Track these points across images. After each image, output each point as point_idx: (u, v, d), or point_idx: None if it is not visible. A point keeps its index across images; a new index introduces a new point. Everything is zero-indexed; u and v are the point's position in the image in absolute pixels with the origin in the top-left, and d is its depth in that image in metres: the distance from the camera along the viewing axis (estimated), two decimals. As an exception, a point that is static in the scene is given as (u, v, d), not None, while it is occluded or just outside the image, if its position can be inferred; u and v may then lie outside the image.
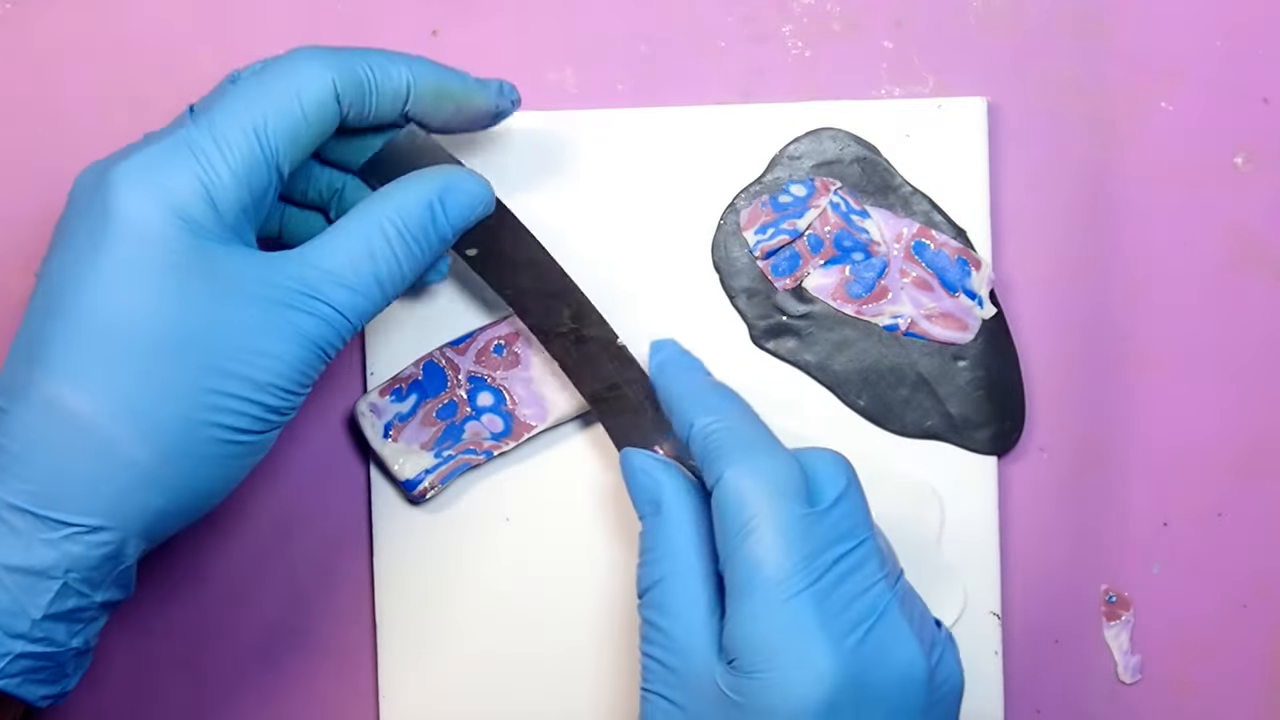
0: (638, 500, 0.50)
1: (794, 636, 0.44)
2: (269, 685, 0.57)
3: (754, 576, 0.45)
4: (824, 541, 0.46)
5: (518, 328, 0.55)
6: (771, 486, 0.46)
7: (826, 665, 0.44)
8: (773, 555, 0.45)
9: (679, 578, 0.47)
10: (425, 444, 0.54)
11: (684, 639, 0.46)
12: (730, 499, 0.46)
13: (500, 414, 0.55)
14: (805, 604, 0.44)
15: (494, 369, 0.54)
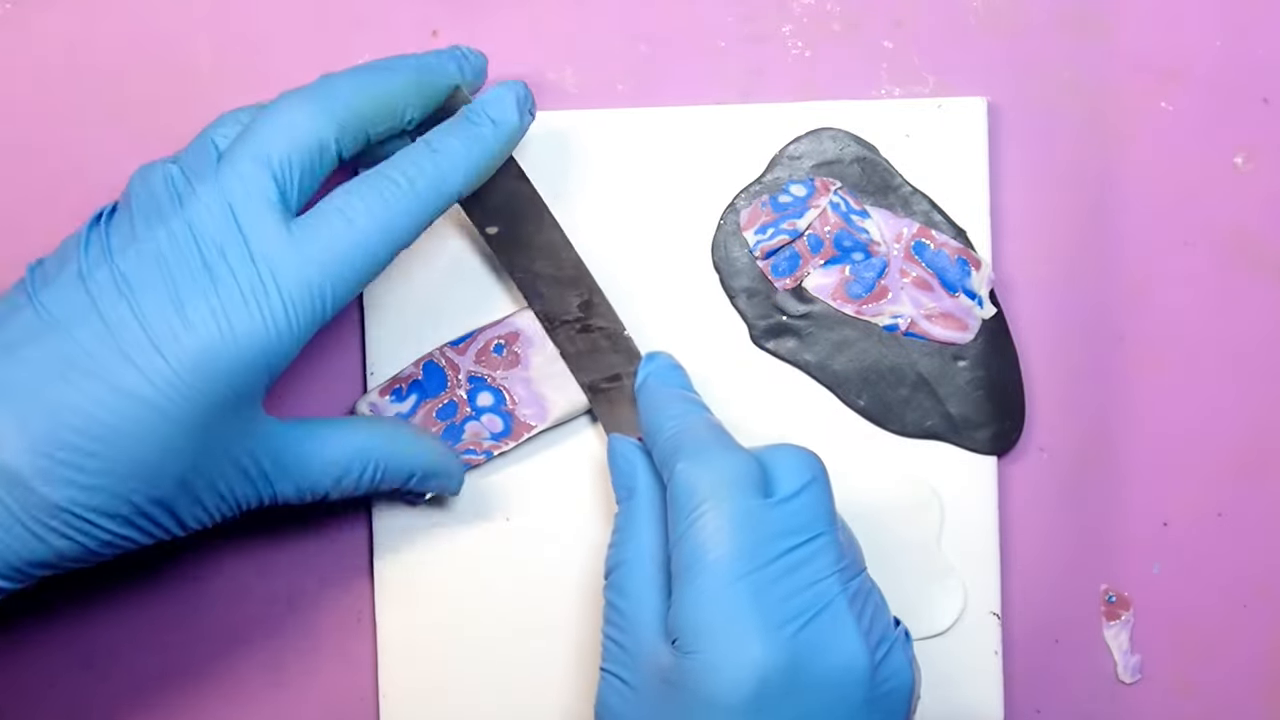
0: (616, 484, 0.52)
1: (730, 620, 0.45)
2: (269, 685, 0.57)
3: (698, 561, 0.46)
4: (774, 533, 0.46)
5: (518, 328, 0.55)
6: (722, 478, 0.47)
7: (758, 650, 0.45)
8: (717, 541, 0.46)
9: (637, 561, 0.49)
10: None
11: (636, 620, 0.48)
12: (681, 488, 0.47)
13: (500, 414, 0.55)
14: (745, 590, 0.45)
15: (494, 369, 0.54)
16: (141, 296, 0.45)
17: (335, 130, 0.47)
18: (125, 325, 0.44)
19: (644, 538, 0.49)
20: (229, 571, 0.56)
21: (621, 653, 0.48)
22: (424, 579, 0.56)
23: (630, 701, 0.47)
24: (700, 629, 0.45)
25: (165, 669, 0.56)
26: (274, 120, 0.47)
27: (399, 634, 0.56)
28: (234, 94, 0.56)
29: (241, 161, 0.46)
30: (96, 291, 0.45)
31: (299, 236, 0.46)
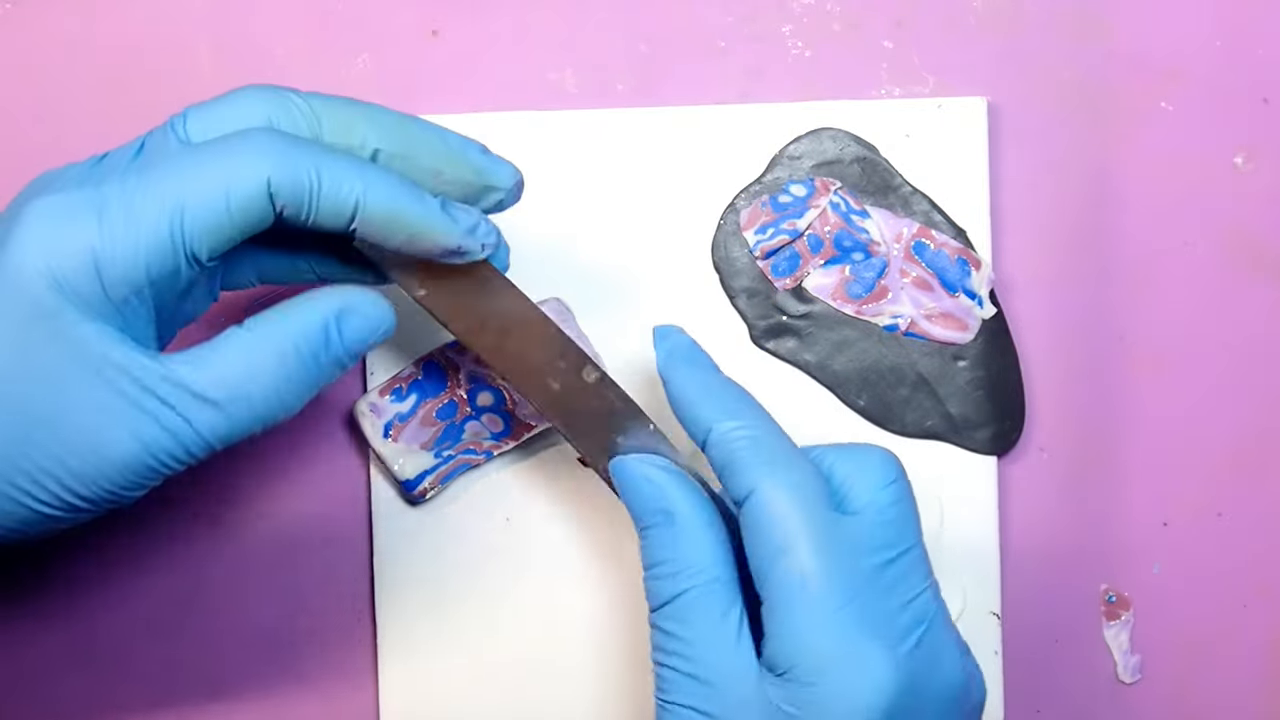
0: (642, 511, 0.47)
1: (849, 646, 0.43)
2: (269, 685, 0.57)
3: (801, 589, 0.44)
4: (869, 549, 0.45)
5: None
6: (809, 497, 0.45)
7: (884, 673, 0.43)
8: (817, 566, 0.44)
9: (705, 590, 0.45)
10: (425, 444, 0.54)
11: (715, 651, 0.45)
12: (764, 515, 0.45)
13: (500, 414, 0.55)
14: (854, 614, 0.44)
15: None
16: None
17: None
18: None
19: (707, 566, 0.46)
20: (228, 571, 0.56)
21: (696, 685, 0.45)
22: (424, 579, 0.56)
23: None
24: (817, 659, 0.43)
25: (165, 669, 0.56)
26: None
27: (399, 634, 0.56)
28: (234, 94, 0.57)
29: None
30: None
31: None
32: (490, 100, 0.57)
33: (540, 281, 0.56)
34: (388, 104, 0.56)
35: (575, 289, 0.56)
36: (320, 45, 0.57)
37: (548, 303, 0.55)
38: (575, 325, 0.55)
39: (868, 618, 0.44)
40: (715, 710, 0.45)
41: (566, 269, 0.56)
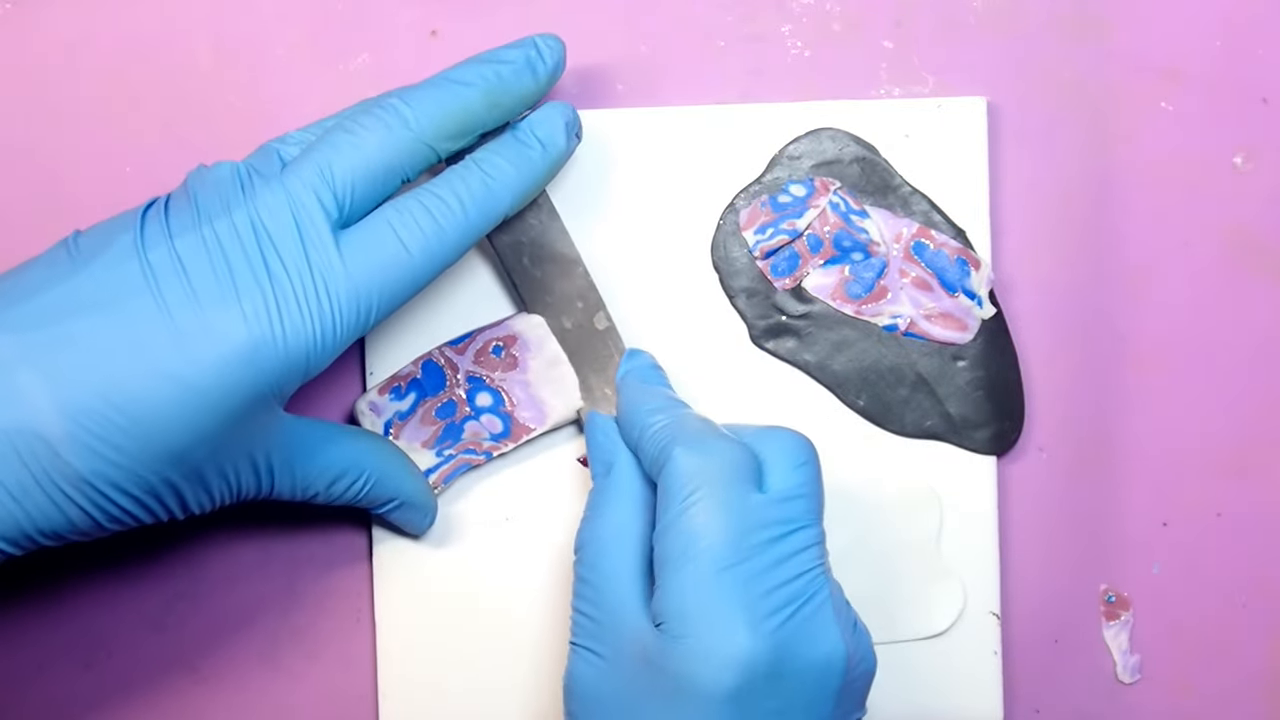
0: (593, 460, 0.52)
1: (719, 610, 0.46)
2: (269, 685, 0.57)
3: (689, 548, 0.46)
4: (764, 523, 0.47)
5: (515, 331, 0.55)
6: (719, 468, 0.47)
7: (744, 642, 0.45)
8: (710, 530, 0.46)
9: (614, 538, 0.49)
10: (426, 442, 0.54)
11: (611, 597, 0.48)
12: (676, 474, 0.47)
13: (499, 415, 0.54)
14: (734, 580, 0.46)
15: (492, 370, 0.54)
16: (198, 281, 0.45)
17: (405, 156, 0.48)
18: (179, 307, 0.45)
19: (621, 515, 0.49)
20: (228, 571, 0.57)
21: (595, 627, 0.48)
22: (424, 579, 0.56)
23: (605, 675, 0.48)
24: (688, 615, 0.46)
25: (165, 669, 0.57)
26: (345, 137, 0.48)
27: (399, 634, 0.56)
28: (234, 94, 0.57)
29: (306, 171, 0.47)
30: (153, 269, 0.45)
31: (353, 250, 0.47)
32: (490, 100, 0.57)
33: (540, 281, 0.56)
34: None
35: (575, 289, 0.56)
36: (320, 45, 0.57)
37: None
38: None
39: (743, 587, 0.46)
40: (604, 651, 0.48)
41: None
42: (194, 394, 0.44)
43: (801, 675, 0.46)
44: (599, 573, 0.49)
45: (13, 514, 0.44)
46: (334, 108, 0.56)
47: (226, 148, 0.56)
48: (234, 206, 0.46)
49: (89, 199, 0.57)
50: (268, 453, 0.48)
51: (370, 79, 0.57)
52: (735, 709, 0.45)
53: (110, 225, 0.47)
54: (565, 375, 0.54)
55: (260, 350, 0.45)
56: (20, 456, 0.44)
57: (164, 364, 0.44)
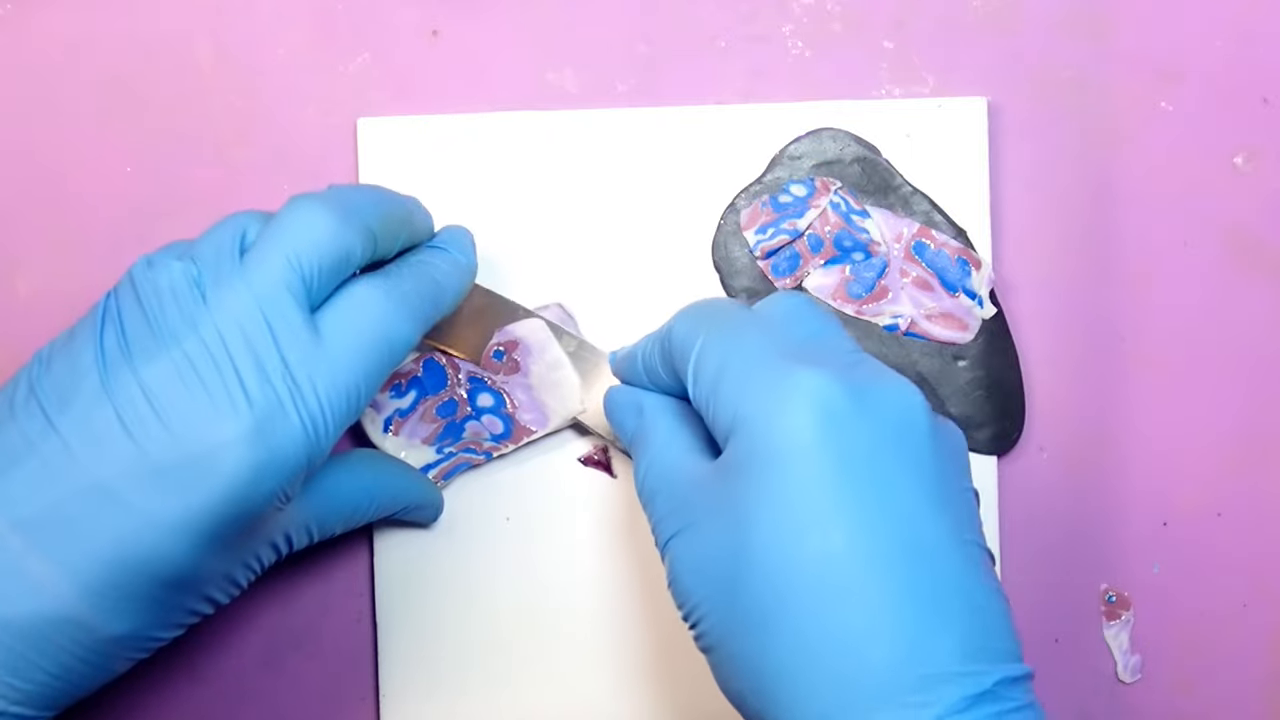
0: (624, 422, 0.50)
1: (785, 368, 0.43)
2: (269, 685, 0.57)
3: (725, 356, 0.44)
4: (792, 320, 0.46)
5: (517, 336, 0.54)
6: (715, 304, 0.48)
7: (814, 379, 0.42)
8: (735, 337, 0.45)
9: (673, 442, 0.47)
10: (426, 439, 0.54)
11: (688, 471, 0.45)
12: (682, 325, 0.47)
13: (501, 416, 0.54)
14: (785, 357, 0.43)
15: (494, 372, 0.54)
16: (175, 415, 0.43)
17: (360, 241, 0.46)
18: (161, 450, 0.43)
19: (666, 425, 0.47)
20: (229, 571, 0.57)
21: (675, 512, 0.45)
22: (424, 579, 0.56)
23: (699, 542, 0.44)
24: (752, 400, 0.43)
25: (165, 669, 0.56)
26: (301, 223, 0.45)
27: (399, 634, 0.56)
28: (234, 94, 0.57)
29: (272, 261, 0.45)
30: (125, 410, 0.43)
31: (331, 338, 0.45)
32: (490, 100, 0.57)
33: (540, 281, 0.56)
34: (388, 104, 0.57)
35: (575, 289, 0.56)
36: (320, 45, 0.57)
37: (549, 308, 0.55)
38: (577, 330, 0.55)
39: (800, 355, 0.43)
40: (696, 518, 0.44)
41: (566, 269, 0.56)
42: (199, 538, 0.43)
43: (885, 406, 0.42)
44: (665, 475, 0.46)
45: (62, 689, 0.44)
46: (334, 107, 0.57)
47: (226, 148, 0.56)
48: (199, 320, 0.44)
49: (89, 199, 0.57)
50: (285, 531, 0.48)
51: (370, 79, 0.57)
52: (824, 452, 0.41)
53: (72, 355, 0.44)
54: (567, 379, 0.54)
55: (254, 472, 0.43)
56: (57, 643, 0.43)
57: (162, 515, 0.43)
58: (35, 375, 0.45)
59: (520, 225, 0.56)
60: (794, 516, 0.41)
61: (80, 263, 0.56)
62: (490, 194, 0.56)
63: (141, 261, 0.46)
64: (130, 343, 0.44)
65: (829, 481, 0.41)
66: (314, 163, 0.56)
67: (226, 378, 0.43)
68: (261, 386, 0.44)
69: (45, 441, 0.43)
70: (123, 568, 0.43)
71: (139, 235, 0.56)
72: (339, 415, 0.45)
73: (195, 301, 0.44)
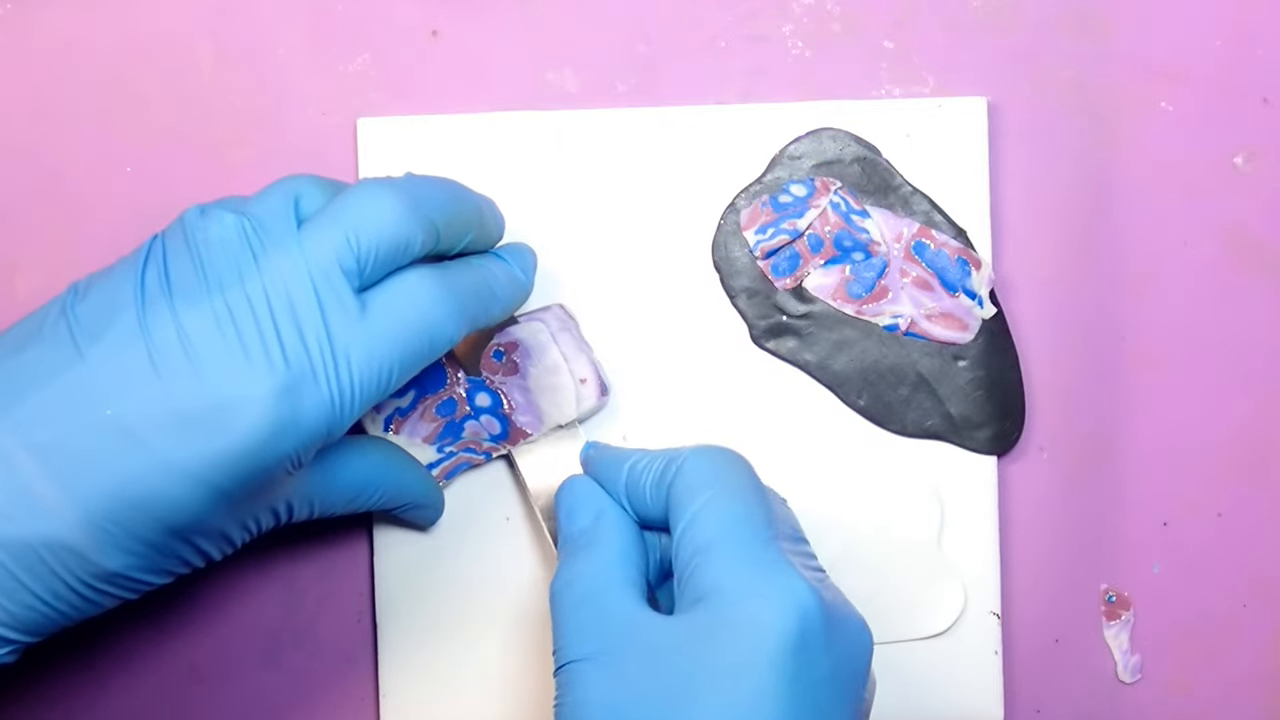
0: (574, 518, 0.50)
1: (776, 568, 0.45)
2: (269, 685, 0.57)
3: (730, 526, 0.46)
4: (784, 513, 0.49)
5: (517, 338, 0.54)
6: (732, 466, 0.48)
7: (804, 591, 0.44)
8: (745, 511, 0.46)
9: (617, 563, 0.48)
10: (427, 438, 0.54)
11: (619, 608, 0.46)
12: (696, 471, 0.48)
13: (498, 416, 0.54)
14: (777, 549, 0.46)
15: (493, 373, 0.54)
16: (207, 363, 0.43)
17: (421, 233, 0.46)
18: (190, 396, 0.43)
19: (616, 546, 0.48)
20: (229, 572, 0.56)
21: (602, 642, 0.46)
22: (424, 579, 0.56)
23: (621, 682, 0.45)
24: (743, 579, 0.45)
25: (164, 670, 0.56)
26: (367, 205, 0.45)
27: (399, 634, 0.56)
28: (234, 94, 0.57)
29: (331, 236, 0.45)
30: (158, 350, 0.43)
31: (374, 318, 0.45)
32: (490, 100, 0.57)
33: (540, 281, 0.56)
34: (388, 104, 0.57)
35: (575, 289, 0.56)
36: (320, 45, 0.57)
37: (551, 309, 0.55)
38: (578, 333, 0.55)
39: (788, 553, 0.46)
40: (618, 661, 0.45)
41: (567, 269, 0.56)
42: (209, 488, 0.43)
43: (845, 635, 0.45)
44: (599, 593, 0.47)
45: (47, 615, 0.44)
46: (334, 107, 0.57)
47: (226, 148, 0.56)
48: (247, 275, 0.44)
49: (89, 199, 0.57)
50: (288, 498, 0.47)
51: (370, 79, 0.57)
52: (795, 663, 0.43)
53: (111, 289, 0.44)
54: (564, 384, 0.54)
55: (275, 435, 0.43)
56: (51, 567, 0.43)
57: (177, 460, 0.43)
58: (69, 303, 0.45)
59: (520, 225, 0.56)
60: (747, 709, 0.43)
61: (80, 263, 0.56)
62: (491, 194, 0.56)
63: (194, 209, 0.46)
64: (173, 285, 0.44)
65: (785, 694, 0.43)
66: (314, 163, 0.56)
67: (266, 335, 0.43)
68: (298, 350, 0.44)
69: (71, 369, 0.43)
70: (129, 505, 0.43)
71: (139, 235, 0.56)
72: (368, 393, 0.45)
73: (246, 257, 0.44)
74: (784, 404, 0.56)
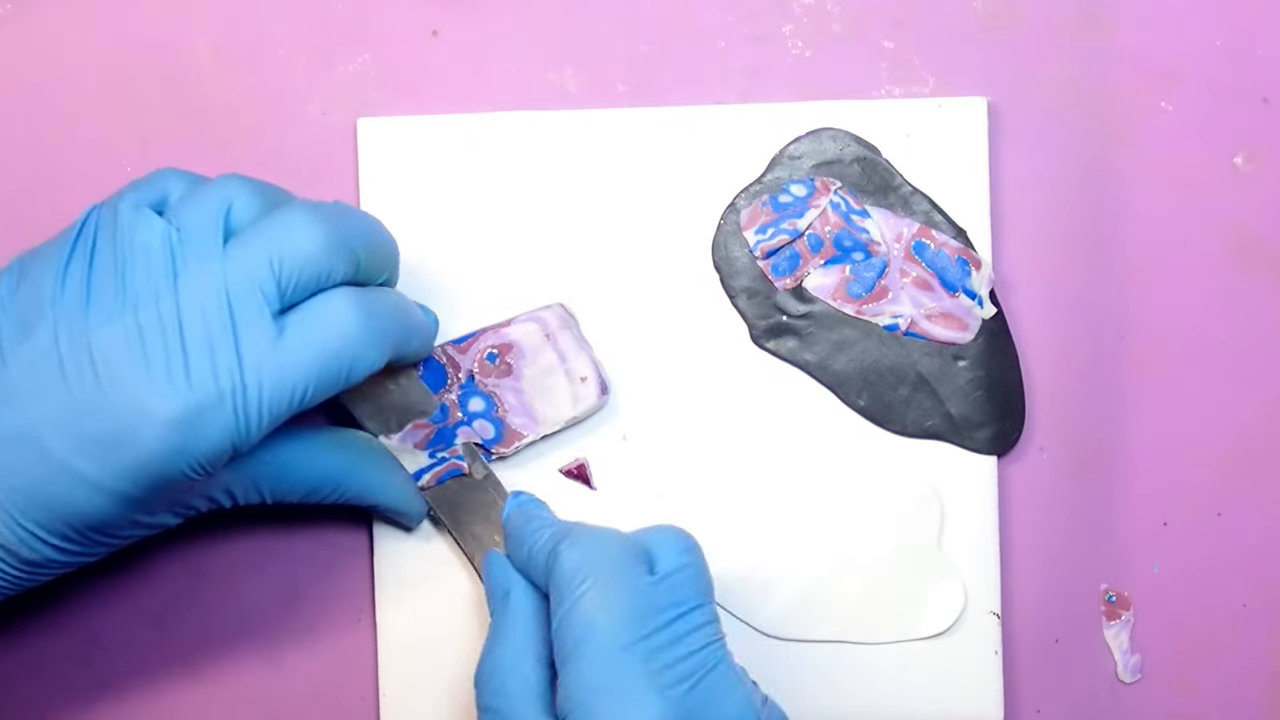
0: (491, 595, 0.51)
1: (624, 683, 0.45)
2: (269, 685, 0.57)
3: (587, 633, 0.46)
4: (658, 604, 0.47)
5: (512, 339, 0.54)
6: (607, 555, 0.48)
7: (654, 708, 0.45)
8: (605, 613, 0.46)
9: (517, 657, 0.48)
10: (419, 444, 0.54)
11: (518, 715, 0.47)
12: (565, 567, 0.47)
13: (491, 420, 0.54)
14: (635, 656, 0.46)
15: (486, 375, 0.54)
16: (114, 381, 0.44)
17: (344, 264, 0.47)
18: (89, 407, 0.44)
19: (519, 635, 0.49)
20: (228, 571, 0.56)
21: (504, 715, 0.48)
22: (424, 578, 0.56)
23: None
24: (595, 694, 0.45)
25: (164, 669, 0.56)
26: (294, 230, 0.46)
27: (399, 634, 0.56)
28: (234, 94, 0.57)
29: (254, 256, 0.45)
30: (68, 361, 0.44)
31: (290, 341, 0.45)
32: (490, 100, 0.57)
33: (540, 281, 0.56)
34: (388, 104, 0.57)
35: (575, 289, 0.56)
36: (320, 45, 0.57)
37: (551, 308, 0.55)
38: (578, 332, 0.55)
39: (646, 661, 0.46)
40: None
41: (566, 269, 0.56)
42: (117, 496, 0.44)
43: None
44: (506, 696, 0.48)
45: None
46: (334, 108, 0.57)
47: (226, 147, 0.56)
48: (163, 294, 0.44)
49: (89, 199, 0.56)
50: (228, 487, 0.48)
51: (370, 79, 0.57)
52: None
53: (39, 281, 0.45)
54: (558, 385, 0.54)
55: (177, 452, 0.44)
56: None
57: (84, 471, 0.44)
58: (5, 292, 0.46)
59: (521, 225, 0.56)
60: None
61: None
62: (490, 194, 0.56)
63: (129, 200, 0.46)
64: (93, 294, 0.45)
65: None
66: (314, 163, 0.56)
67: (173, 357, 0.44)
68: (204, 373, 0.44)
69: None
70: (42, 509, 0.44)
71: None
72: (276, 413, 0.45)
73: (166, 272, 0.45)
74: (784, 404, 0.56)
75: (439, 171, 0.56)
